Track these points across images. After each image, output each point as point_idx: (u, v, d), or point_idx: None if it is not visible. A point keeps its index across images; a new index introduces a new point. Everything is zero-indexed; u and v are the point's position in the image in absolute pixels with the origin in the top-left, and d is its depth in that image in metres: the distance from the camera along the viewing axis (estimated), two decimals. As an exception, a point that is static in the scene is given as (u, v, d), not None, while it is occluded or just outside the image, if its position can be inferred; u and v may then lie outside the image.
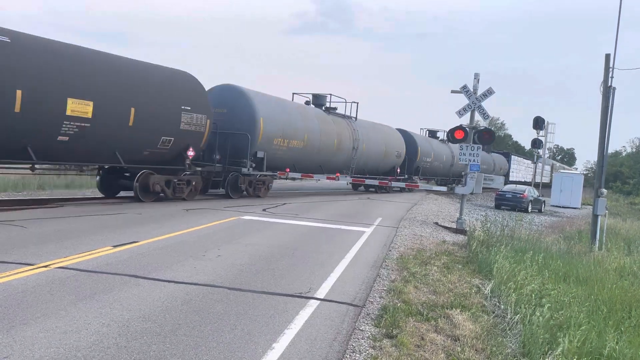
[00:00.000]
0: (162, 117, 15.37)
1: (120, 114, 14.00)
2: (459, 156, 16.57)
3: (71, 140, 12.89)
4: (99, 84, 13.44)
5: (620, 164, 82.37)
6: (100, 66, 13.85)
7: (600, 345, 6.07)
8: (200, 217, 13.17)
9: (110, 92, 13.75)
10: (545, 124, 37.86)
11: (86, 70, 13.30)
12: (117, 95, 13.94)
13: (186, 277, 7.17)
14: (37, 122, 12.05)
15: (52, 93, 12.28)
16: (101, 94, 13.40)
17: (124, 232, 10.09)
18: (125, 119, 14.12)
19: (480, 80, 16.37)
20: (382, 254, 10.39)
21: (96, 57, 14.05)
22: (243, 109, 19.37)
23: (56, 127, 12.49)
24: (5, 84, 11.36)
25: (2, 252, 7.67)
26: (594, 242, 15.58)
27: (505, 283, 8.28)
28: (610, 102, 15.99)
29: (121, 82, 14.24)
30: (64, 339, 4.70)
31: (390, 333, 5.74)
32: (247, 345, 4.96)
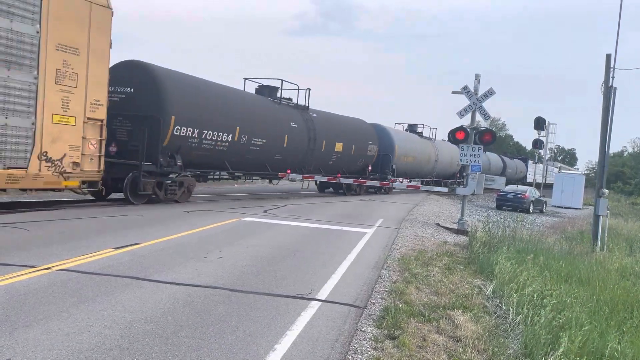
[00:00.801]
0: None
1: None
2: (460, 157, 16.57)
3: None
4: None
5: (621, 164, 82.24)
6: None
7: (602, 346, 6.07)
8: (201, 219, 13.18)
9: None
10: (546, 125, 37.88)
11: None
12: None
13: (188, 278, 7.18)
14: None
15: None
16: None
17: (126, 234, 10.10)
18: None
19: (481, 80, 16.38)
20: (384, 255, 10.40)
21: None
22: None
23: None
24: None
25: (4, 254, 7.69)
26: (595, 243, 15.56)
27: (507, 284, 8.28)
28: (611, 102, 15.98)
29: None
30: (66, 341, 4.71)
31: (392, 334, 5.75)
32: (249, 347, 4.97)
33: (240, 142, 18.75)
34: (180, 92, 16.27)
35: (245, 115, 19.15)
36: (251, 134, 19.16)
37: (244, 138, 18.86)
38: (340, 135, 25.53)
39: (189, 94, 16.70)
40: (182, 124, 16.02)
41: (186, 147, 16.53)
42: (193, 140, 16.69)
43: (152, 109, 15.13)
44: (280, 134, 21.01)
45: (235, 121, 18.44)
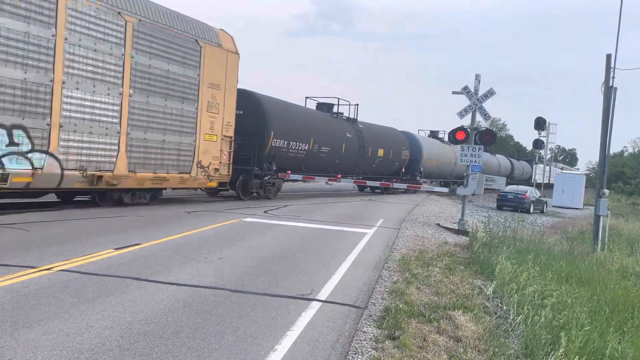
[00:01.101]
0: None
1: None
2: (460, 157, 16.58)
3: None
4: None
5: (622, 165, 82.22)
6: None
7: (602, 346, 6.07)
8: (202, 220, 13.18)
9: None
10: (546, 125, 37.85)
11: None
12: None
13: (188, 279, 7.19)
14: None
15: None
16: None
17: (126, 235, 10.11)
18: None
19: (481, 81, 16.39)
20: (384, 256, 10.40)
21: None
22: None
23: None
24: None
25: (4, 255, 7.69)
26: (596, 243, 15.55)
27: (508, 284, 8.28)
28: (612, 103, 15.98)
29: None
30: (66, 342, 4.71)
31: (393, 334, 5.75)
32: (249, 347, 4.97)
33: (313, 150, 23.17)
34: (276, 112, 20.80)
35: (316, 129, 23.58)
36: (320, 143, 23.56)
37: (316, 147, 23.28)
38: (381, 143, 29.55)
39: (281, 113, 21.26)
40: (277, 137, 20.45)
41: (279, 155, 20.89)
42: (283, 149, 21.13)
43: (258, 126, 19.60)
44: (339, 143, 25.27)
45: (310, 133, 22.84)
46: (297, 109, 23.72)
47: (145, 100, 14.37)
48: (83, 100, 12.72)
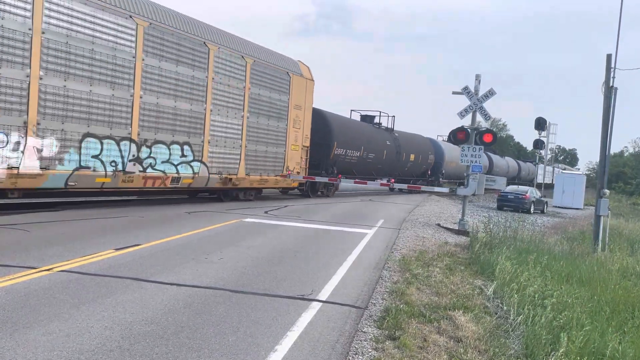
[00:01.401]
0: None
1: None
2: (461, 157, 16.58)
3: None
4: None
5: (622, 165, 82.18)
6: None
7: (602, 346, 6.07)
8: (202, 220, 13.18)
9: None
10: (547, 125, 37.85)
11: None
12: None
13: (189, 279, 7.19)
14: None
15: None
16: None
17: (126, 235, 10.11)
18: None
19: (482, 81, 16.38)
20: (384, 256, 10.39)
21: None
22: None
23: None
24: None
25: (5, 255, 7.70)
26: (596, 243, 15.54)
27: (508, 284, 8.28)
28: (612, 103, 15.96)
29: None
30: (66, 342, 4.71)
31: (393, 335, 5.74)
32: (249, 348, 4.97)
33: (363, 156, 27.16)
34: (337, 126, 25.07)
35: (365, 138, 27.53)
36: (368, 150, 27.52)
37: (365, 153, 27.25)
38: (413, 149, 33.52)
39: (341, 127, 25.46)
40: (339, 147, 24.73)
41: (339, 161, 25.16)
42: (342, 156, 25.34)
43: (325, 138, 23.83)
44: (381, 149, 29.18)
45: (361, 142, 26.92)
46: (352, 123, 28.32)
47: (256, 121, 18.99)
48: (221, 123, 17.29)
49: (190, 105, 15.90)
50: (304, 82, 21.56)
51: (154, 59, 14.61)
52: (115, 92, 13.56)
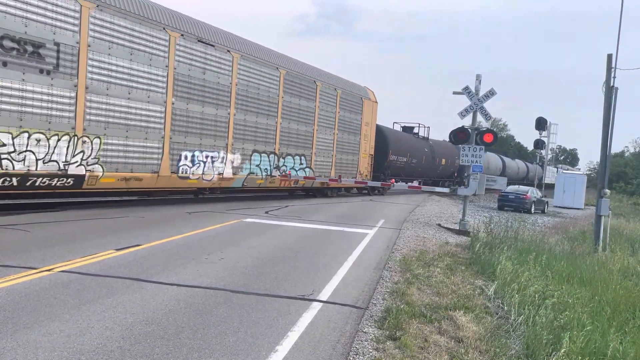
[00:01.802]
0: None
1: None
2: (461, 157, 16.57)
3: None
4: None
5: (623, 165, 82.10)
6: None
7: (603, 346, 6.05)
8: (202, 220, 13.18)
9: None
10: (547, 125, 37.81)
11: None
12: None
13: (189, 280, 7.18)
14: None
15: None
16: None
17: (127, 236, 10.11)
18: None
19: (482, 81, 16.37)
20: (385, 256, 10.39)
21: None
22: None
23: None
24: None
25: (5, 256, 7.70)
26: (597, 243, 15.52)
27: (509, 284, 8.27)
28: (613, 102, 15.95)
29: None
30: (67, 343, 4.71)
31: (394, 335, 5.74)
32: (250, 348, 4.96)
33: (408, 161, 32.02)
34: (391, 137, 30.31)
35: (409, 146, 32.57)
36: (412, 156, 32.44)
37: (410, 159, 32.17)
38: (443, 154, 38.25)
39: (393, 138, 30.65)
40: (393, 154, 29.85)
41: (391, 166, 29.94)
42: (394, 161, 30.15)
43: (383, 147, 28.93)
44: (421, 155, 33.94)
45: (407, 150, 31.87)
46: (401, 134, 33.56)
47: (342, 136, 24.93)
48: (322, 139, 23.31)
49: (306, 127, 22.05)
50: (371, 104, 27.56)
51: (287, 96, 20.61)
52: (269, 121, 19.64)
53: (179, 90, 15.44)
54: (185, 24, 15.71)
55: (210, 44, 16.51)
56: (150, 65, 14.40)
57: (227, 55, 17.27)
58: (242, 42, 18.55)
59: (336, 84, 24.27)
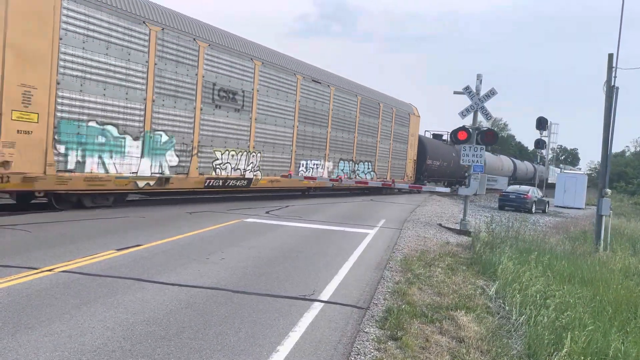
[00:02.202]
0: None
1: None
2: (462, 157, 16.57)
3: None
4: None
5: (624, 164, 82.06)
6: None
7: (605, 346, 6.05)
8: (203, 220, 13.18)
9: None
10: (548, 125, 37.81)
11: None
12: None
13: (190, 280, 7.18)
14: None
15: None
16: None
17: (128, 236, 10.10)
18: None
19: (483, 80, 16.36)
20: (386, 256, 10.38)
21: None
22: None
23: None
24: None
25: (6, 256, 7.70)
26: (598, 243, 15.51)
27: (510, 284, 8.26)
28: (614, 102, 15.94)
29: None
30: (68, 343, 4.70)
31: (395, 335, 5.73)
32: (251, 348, 4.96)
33: (441, 165, 36.73)
34: (429, 145, 35.12)
35: (441, 152, 37.13)
36: (442, 160, 36.88)
37: (442, 163, 36.81)
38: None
39: (430, 145, 35.37)
40: (430, 159, 34.61)
41: (427, 169, 34.60)
42: (429, 165, 34.78)
43: (422, 154, 33.98)
44: (449, 159, 37.85)
45: (440, 155, 36.61)
46: (435, 142, 37.97)
47: (395, 146, 30.36)
48: (382, 148, 28.78)
49: (372, 139, 27.78)
50: (415, 118, 33.01)
51: (361, 115, 26.54)
52: (349, 135, 25.50)
53: (301, 116, 21.40)
54: (303, 67, 21.86)
55: (318, 81, 22.39)
56: (287, 100, 20.43)
57: (327, 88, 23.27)
58: (336, 77, 24.86)
59: (392, 103, 29.88)
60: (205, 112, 16.29)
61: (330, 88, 23.34)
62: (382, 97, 28.93)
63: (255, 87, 18.32)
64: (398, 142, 30.67)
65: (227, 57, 17.06)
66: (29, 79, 11.32)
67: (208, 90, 16.33)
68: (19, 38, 11.06)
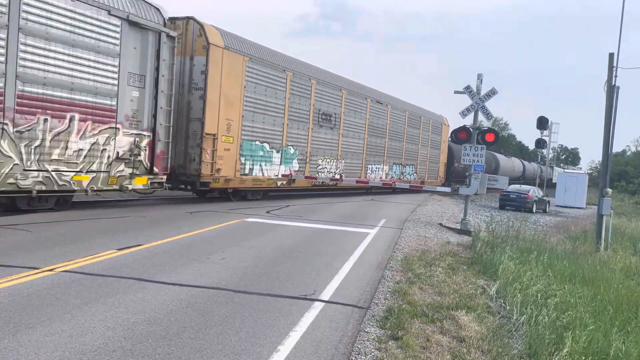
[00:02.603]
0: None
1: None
2: (462, 157, 16.56)
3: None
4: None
5: (624, 164, 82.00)
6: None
7: (606, 346, 6.04)
8: (204, 220, 13.18)
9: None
10: (549, 124, 37.78)
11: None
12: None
13: (191, 279, 7.18)
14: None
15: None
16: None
17: (128, 235, 10.11)
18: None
19: (484, 80, 16.36)
20: (387, 255, 10.38)
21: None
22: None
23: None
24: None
25: (7, 256, 7.70)
26: (599, 242, 15.50)
27: (511, 284, 8.26)
28: (614, 101, 15.92)
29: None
30: (69, 343, 4.70)
31: (396, 335, 5.73)
32: (252, 348, 4.96)
33: (465, 167, 38.02)
34: (455, 150, 37.59)
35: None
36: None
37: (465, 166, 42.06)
38: (493, 162, 47.64)
39: (457, 150, 36.70)
40: (456, 162, 37.98)
41: (455, 171, 39.53)
42: (456, 168, 39.10)
43: (450, 158, 39.56)
44: (489, 163, 40.25)
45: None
46: (460, 147, 45.87)
47: (432, 152, 36.37)
48: (422, 154, 34.80)
49: (414, 146, 33.48)
50: (446, 127, 38.48)
51: (408, 127, 32.48)
52: (399, 144, 31.35)
53: (370, 130, 27.67)
54: (370, 92, 27.98)
55: (380, 102, 28.68)
56: (361, 118, 26.81)
57: (385, 107, 29.37)
58: (392, 98, 30.86)
59: (429, 115, 35.85)
60: (314, 131, 22.58)
61: (387, 106, 29.53)
62: (422, 111, 34.90)
63: (342, 110, 24.80)
64: (433, 148, 36.76)
65: (327, 89, 23.42)
66: (230, 115, 17.44)
67: (315, 115, 22.55)
68: (226, 89, 17.08)
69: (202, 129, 16.33)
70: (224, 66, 16.86)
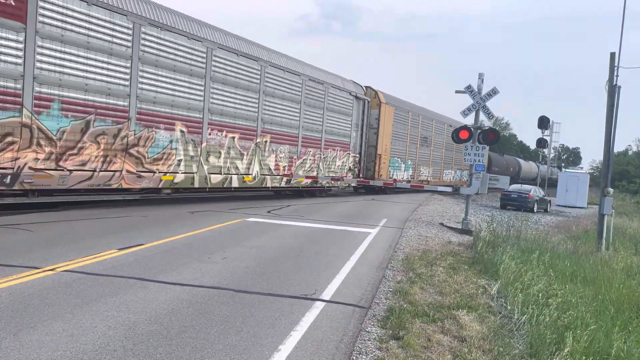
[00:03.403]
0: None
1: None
2: (464, 157, 16.55)
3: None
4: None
5: (626, 163, 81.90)
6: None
7: (607, 346, 6.03)
8: (205, 220, 13.18)
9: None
10: (550, 124, 37.73)
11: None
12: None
13: (192, 279, 7.18)
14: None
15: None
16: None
17: (130, 235, 10.11)
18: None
19: (485, 80, 16.35)
20: (388, 255, 10.37)
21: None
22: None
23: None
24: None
25: (8, 255, 7.71)
26: (600, 242, 15.49)
27: (512, 283, 8.25)
28: (616, 101, 15.90)
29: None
30: (70, 342, 4.71)
31: (397, 334, 5.73)
32: (253, 348, 4.96)
33: (496, 171, 44.58)
34: (490, 156, 40.85)
35: (495, 161, 46.60)
36: (494, 166, 45.52)
37: (493, 168, 44.18)
38: (510, 163, 53.54)
39: (492, 157, 42.93)
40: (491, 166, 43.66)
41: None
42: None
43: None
44: (500, 165, 47.45)
45: (494, 163, 45.89)
46: (492, 154, 45.89)
47: (446, 154, 38.65)
48: (435, 154, 36.62)
49: (450, 152, 38.35)
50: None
51: (436, 136, 36.19)
52: (440, 151, 36.82)
53: (446, 146, 36.85)
54: (436, 115, 36.17)
55: (444, 122, 36.60)
56: (440, 137, 36.47)
57: (442, 125, 36.83)
58: (437, 114, 37.07)
59: (449, 122, 38.61)
60: (419, 149, 33.14)
61: (432, 121, 36.02)
62: (447, 119, 39.35)
63: (433, 133, 35.18)
64: (448, 150, 40.37)
65: (426, 120, 33.64)
66: (386, 142, 28.15)
67: (420, 138, 33.16)
68: (385, 127, 27.88)
69: (375, 151, 27.66)
70: (385, 114, 28.16)
